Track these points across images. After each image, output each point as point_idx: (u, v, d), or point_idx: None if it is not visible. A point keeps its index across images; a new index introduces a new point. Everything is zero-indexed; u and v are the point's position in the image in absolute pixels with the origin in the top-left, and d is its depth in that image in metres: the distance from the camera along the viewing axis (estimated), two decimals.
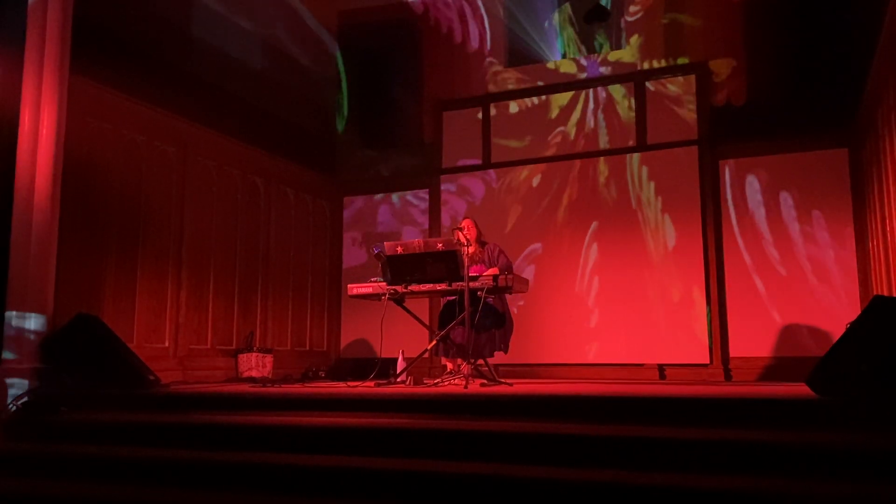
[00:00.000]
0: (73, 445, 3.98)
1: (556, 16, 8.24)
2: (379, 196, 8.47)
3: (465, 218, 6.12)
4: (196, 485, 3.37)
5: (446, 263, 5.19)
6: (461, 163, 8.19)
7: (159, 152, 6.31)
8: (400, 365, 5.75)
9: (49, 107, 5.01)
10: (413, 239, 6.61)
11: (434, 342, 5.70)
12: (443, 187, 8.17)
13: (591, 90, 7.74)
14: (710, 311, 6.97)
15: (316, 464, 3.35)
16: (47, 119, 4.99)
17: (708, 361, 6.90)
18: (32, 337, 4.83)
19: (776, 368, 6.65)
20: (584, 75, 7.82)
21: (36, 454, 3.89)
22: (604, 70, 7.75)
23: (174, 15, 6.64)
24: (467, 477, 3.03)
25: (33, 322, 4.85)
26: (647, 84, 7.51)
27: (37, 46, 5.04)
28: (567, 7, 8.13)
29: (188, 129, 6.57)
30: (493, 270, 5.47)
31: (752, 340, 6.83)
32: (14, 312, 4.83)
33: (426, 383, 5.41)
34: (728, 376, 6.83)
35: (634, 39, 7.67)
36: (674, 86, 7.42)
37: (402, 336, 7.85)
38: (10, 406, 4.46)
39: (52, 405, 4.45)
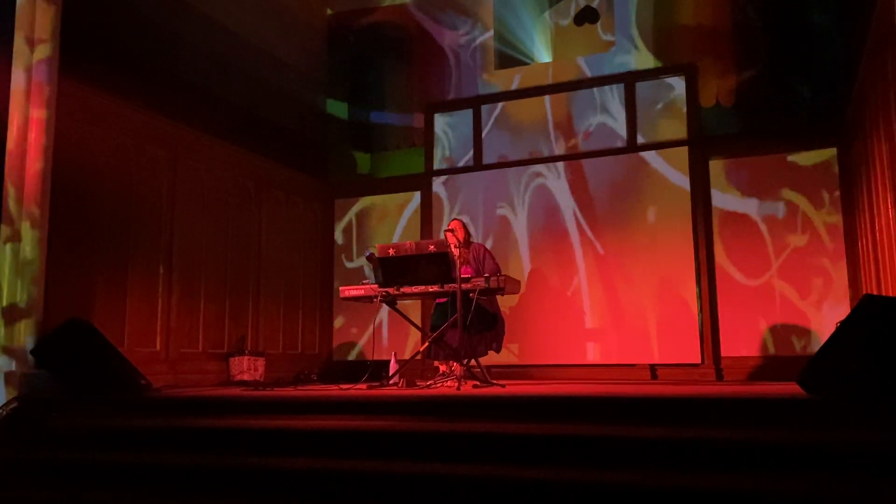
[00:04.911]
0: (64, 451, 3.96)
1: (546, 17, 8.27)
2: (370, 198, 8.48)
3: (454, 219, 6.11)
4: (188, 489, 3.35)
5: (438, 265, 5.19)
6: (452, 164, 8.19)
7: (149, 156, 6.29)
8: (392, 367, 5.74)
9: (38, 110, 4.98)
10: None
11: (426, 344, 5.69)
12: (434, 188, 8.18)
13: (581, 91, 7.75)
14: (701, 311, 6.99)
15: (308, 467, 3.34)
16: (36, 123, 4.96)
17: (699, 361, 6.92)
18: (23, 342, 4.80)
19: (767, 368, 6.68)
20: (574, 76, 7.83)
21: (26, 460, 3.86)
22: (594, 71, 7.76)
23: (164, 18, 6.61)
24: (460, 478, 3.03)
25: (24, 327, 4.82)
26: (637, 85, 7.54)
27: (25, 49, 5.02)
28: (557, 8, 8.15)
29: (178, 132, 6.55)
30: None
31: (744, 340, 6.86)
32: (5, 317, 4.80)
33: (419, 385, 5.40)
34: (720, 376, 6.85)
35: (625, 40, 7.69)
36: (663, 86, 7.45)
37: (394, 338, 7.88)
38: (0, 412, 4.42)
39: (42, 410, 4.42)
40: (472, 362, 5.53)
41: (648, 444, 3.13)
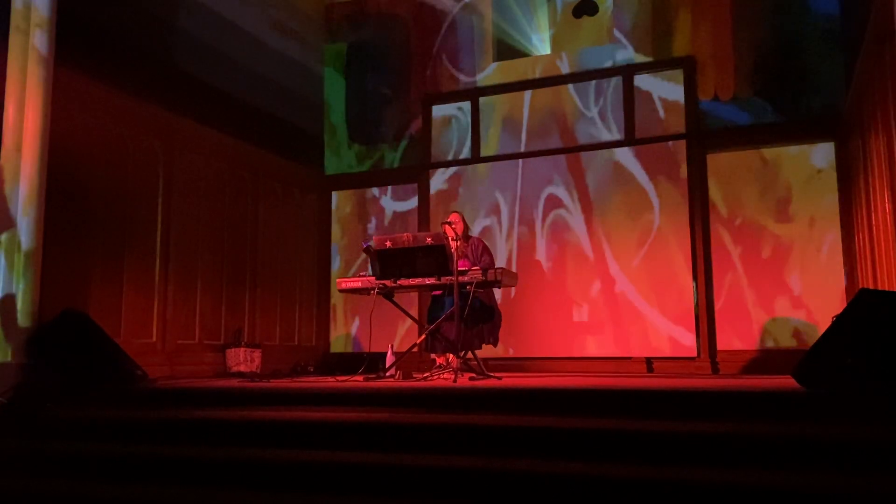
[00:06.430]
0: (59, 442, 3.95)
1: (544, 10, 8.24)
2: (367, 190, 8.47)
3: (453, 212, 6.10)
4: (183, 481, 3.35)
5: (435, 258, 5.18)
6: (450, 156, 8.18)
7: (146, 146, 6.27)
8: (389, 359, 5.74)
9: (34, 100, 4.96)
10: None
11: (423, 337, 5.69)
12: (431, 180, 8.17)
13: (579, 84, 7.73)
14: (697, 305, 7.00)
15: (305, 459, 3.34)
16: (32, 112, 4.94)
17: (695, 354, 6.94)
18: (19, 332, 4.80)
19: (763, 361, 6.69)
20: (572, 69, 7.82)
21: (21, 451, 3.86)
22: (592, 64, 7.75)
23: (161, 8, 6.58)
24: (456, 471, 3.03)
25: (20, 317, 4.81)
26: (636, 78, 7.52)
27: (21, 38, 4.99)
28: (556, 1, 8.13)
29: (175, 123, 6.53)
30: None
31: (739, 333, 6.88)
32: (0, 308, 4.81)
33: (415, 377, 5.41)
34: (715, 369, 6.87)
35: (623, 34, 7.67)
36: (661, 80, 7.43)
37: (391, 330, 7.88)
38: None
39: (37, 401, 4.42)
40: (469, 355, 5.54)
41: (644, 437, 3.14)
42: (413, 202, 8.27)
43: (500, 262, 7.37)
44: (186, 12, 6.84)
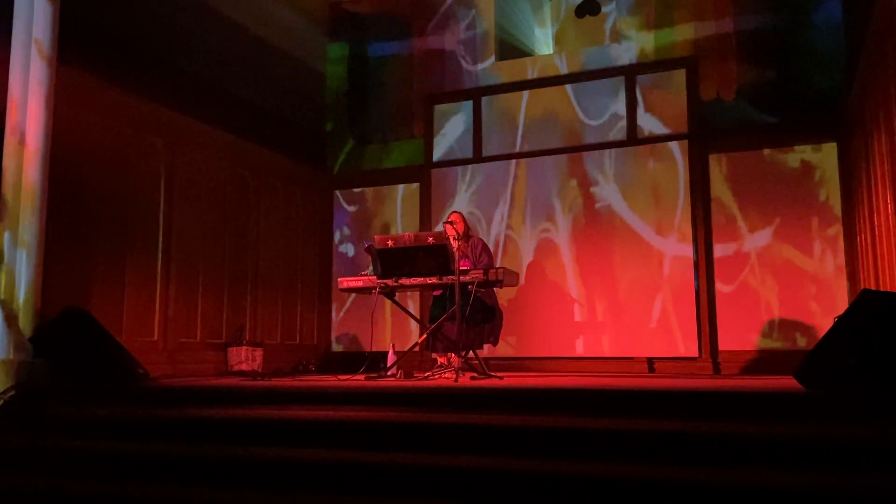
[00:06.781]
0: (61, 440, 3.96)
1: (547, 9, 8.24)
2: (369, 189, 8.47)
3: (453, 211, 6.10)
4: (184, 479, 3.36)
5: (437, 257, 5.18)
6: (452, 156, 8.17)
7: (148, 145, 6.27)
8: (390, 358, 5.74)
9: (36, 99, 4.96)
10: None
11: (424, 336, 5.69)
12: (432, 178, 8.17)
13: (581, 84, 7.72)
14: (698, 305, 6.99)
15: (306, 458, 3.34)
16: (34, 111, 4.94)
17: (697, 355, 6.93)
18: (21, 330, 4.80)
19: (764, 362, 6.69)
20: (574, 69, 7.81)
21: (22, 448, 3.87)
22: (594, 64, 7.74)
23: (164, 6, 6.58)
24: (457, 470, 3.04)
25: (22, 315, 4.82)
26: (638, 78, 7.51)
27: (23, 37, 4.99)
28: (558, 1, 8.13)
29: (177, 121, 6.53)
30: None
31: (741, 334, 6.87)
32: (2, 306, 4.80)
33: (416, 377, 5.41)
34: (717, 369, 6.86)
35: (625, 34, 7.66)
36: (663, 80, 7.42)
37: (392, 330, 7.89)
38: None
39: (39, 399, 4.43)
40: (470, 354, 5.54)
41: (644, 437, 3.14)
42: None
43: (501, 262, 7.39)
44: (189, 11, 6.84)
